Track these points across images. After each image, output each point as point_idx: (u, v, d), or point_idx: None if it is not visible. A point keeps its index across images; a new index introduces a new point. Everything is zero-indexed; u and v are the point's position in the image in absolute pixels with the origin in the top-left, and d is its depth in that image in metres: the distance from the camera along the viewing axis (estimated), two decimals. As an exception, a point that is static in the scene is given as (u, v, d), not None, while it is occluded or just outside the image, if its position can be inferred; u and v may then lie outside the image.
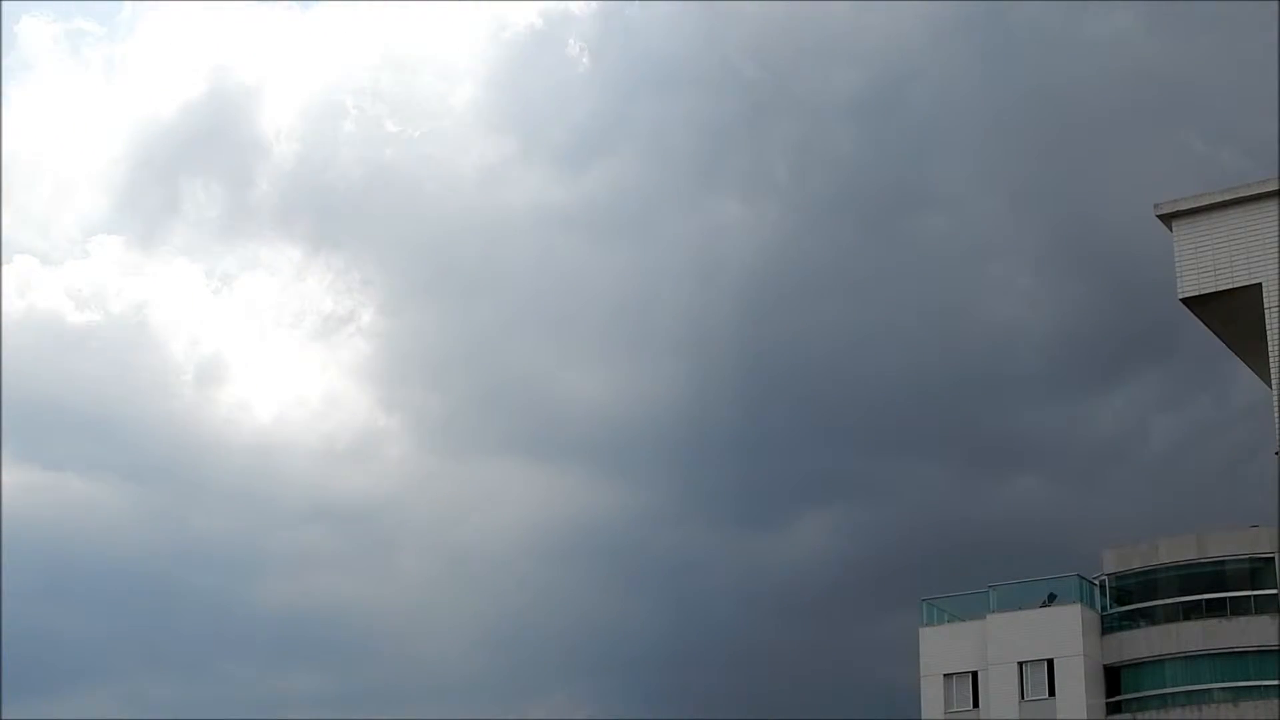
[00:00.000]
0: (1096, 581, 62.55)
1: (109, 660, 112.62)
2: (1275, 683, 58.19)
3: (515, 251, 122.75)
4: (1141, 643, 60.80)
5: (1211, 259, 32.99)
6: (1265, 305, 32.11)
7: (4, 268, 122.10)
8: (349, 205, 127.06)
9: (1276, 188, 32.76)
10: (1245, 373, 35.90)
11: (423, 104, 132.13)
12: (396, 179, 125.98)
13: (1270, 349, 31.93)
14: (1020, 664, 60.68)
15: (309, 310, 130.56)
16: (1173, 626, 60.56)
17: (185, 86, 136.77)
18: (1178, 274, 33.36)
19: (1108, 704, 60.49)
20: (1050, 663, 60.28)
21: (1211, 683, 59.46)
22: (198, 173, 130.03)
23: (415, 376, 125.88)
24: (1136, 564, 62.43)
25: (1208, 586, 60.80)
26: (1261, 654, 58.96)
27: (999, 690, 60.60)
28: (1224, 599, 60.31)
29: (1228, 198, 33.25)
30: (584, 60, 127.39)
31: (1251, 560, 60.52)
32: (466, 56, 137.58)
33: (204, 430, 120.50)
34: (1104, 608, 62.12)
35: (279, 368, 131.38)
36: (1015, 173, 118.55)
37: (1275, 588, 59.31)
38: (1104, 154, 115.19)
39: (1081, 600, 61.26)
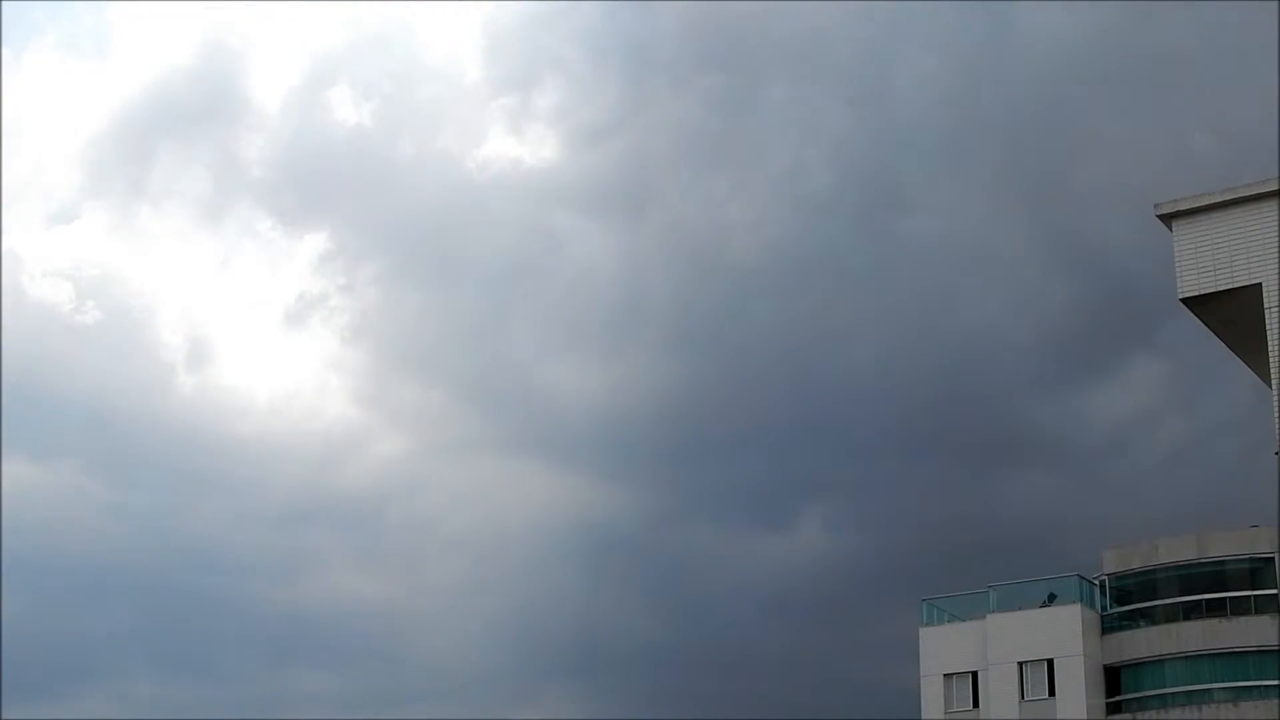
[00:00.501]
0: (1096, 581, 62.53)
1: (108, 661, 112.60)
2: (1275, 683, 58.18)
3: (515, 241, 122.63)
4: (1141, 643, 60.77)
5: (1211, 259, 32.95)
6: (1265, 305, 32.07)
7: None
8: (342, 187, 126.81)
9: (1276, 188, 32.71)
10: (1245, 373, 35.87)
11: (415, 82, 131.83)
12: (387, 159, 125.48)
13: (1270, 349, 31.89)
14: (1020, 664, 60.66)
15: (298, 298, 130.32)
16: (1173, 626, 60.55)
17: (170, 62, 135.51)
18: (1178, 274, 33.32)
19: (1108, 704, 60.47)
20: (1050, 663, 60.25)
21: (1211, 683, 59.45)
22: (183, 152, 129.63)
23: (416, 371, 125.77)
24: (1136, 564, 62.43)
25: (1208, 586, 60.79)
26: (1261, 654, 58.95)
27: (999, 690, 60.57)
28: (1224, 599, 60.30)
29: (1228, 198, 33.21)
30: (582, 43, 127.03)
31: (1251, 560, 60.51)
32: (463, 32, 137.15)
33: (196, 424, 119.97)
34: (1104, 608, 62.10)
35: (269, 358, 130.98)
36: (1015, 170, 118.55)
37: (1275, 588, 59.29)
38: (1104, 151, 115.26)
39: (1081, 600, 61.24)
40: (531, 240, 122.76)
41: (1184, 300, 33.23)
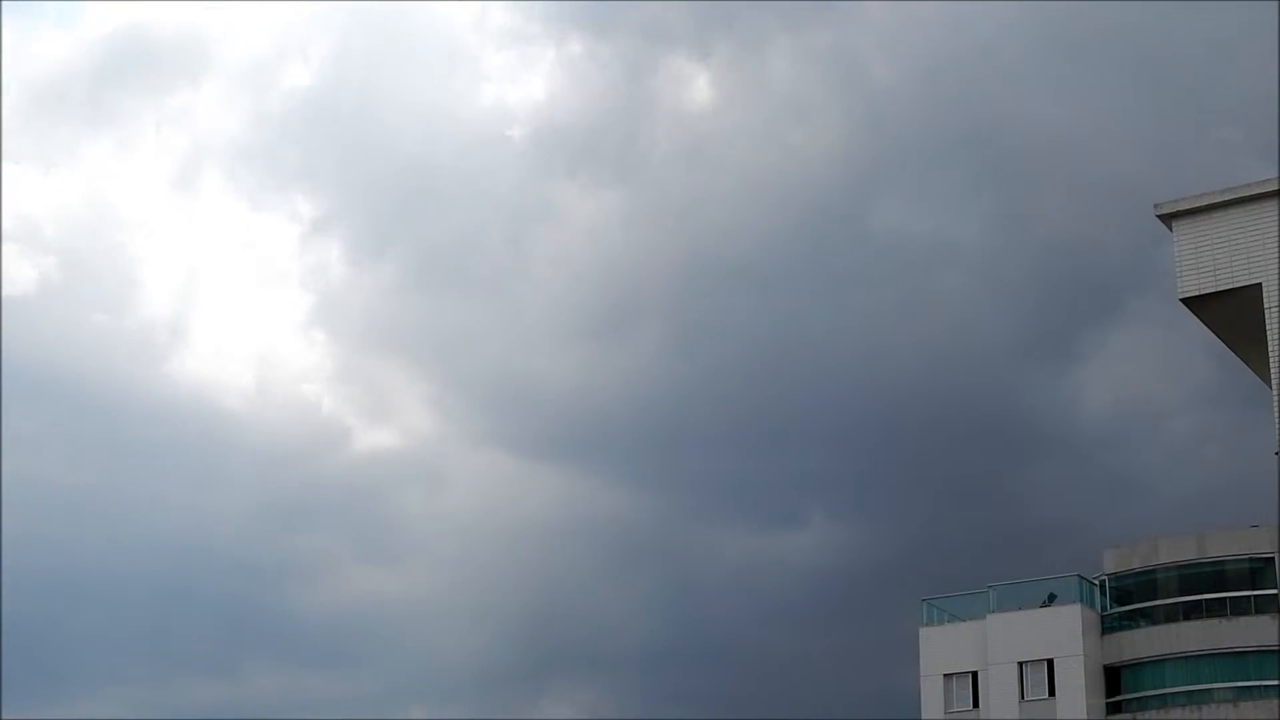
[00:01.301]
0: (1096, 581, 62.52)
1: (107, 661, 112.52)
2: (1275, 683, 58.14)
3: (511, 226, 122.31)
4: (1141, 643, 60.77)
5: (1211, 259, 33.01)
6: (1265, 305, 32.13)
7: None
8: (329, 163, 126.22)
9: (1276, 188, 32.78)
10: (1245, 373, 35.90)
11: (404, 56, 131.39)
12: (377, 132, 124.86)
13: (1270, 349, 31.94)
14: (1020, 664, 60.64)
15: (282, 277, 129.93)
16: (1173, 626, 60.54)
17: (139, 21, 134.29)
18: (1177, 274, 33.38)
19: (1108, 704, 60.45)
20: (1050, 663, 60.23)
21: (1211, 683, 59.42)
22: (159, 115, 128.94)
23: (419, 370, 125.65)
24: (1136, 564, 62.40)
25: (1208, 586, 60.76)
26: (1261, 654, 58.92)
27: (999, 690, 60.56)
28: (1224, 599, 60.27)
29: (1228, 198, 33.29)
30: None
31: (1251, 560, 60.49)
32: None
33: (194, 419, 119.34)
34: (1104, 608, 62.09)
35: (254, 343, 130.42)
36: (1007, 167, 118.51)
37: (1275, 588, 59.28)
38: (1104, 147, 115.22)
39: (1081, 600, 61.21)
40: (528, 224, 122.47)
41: (1184, 300, 33.29)
